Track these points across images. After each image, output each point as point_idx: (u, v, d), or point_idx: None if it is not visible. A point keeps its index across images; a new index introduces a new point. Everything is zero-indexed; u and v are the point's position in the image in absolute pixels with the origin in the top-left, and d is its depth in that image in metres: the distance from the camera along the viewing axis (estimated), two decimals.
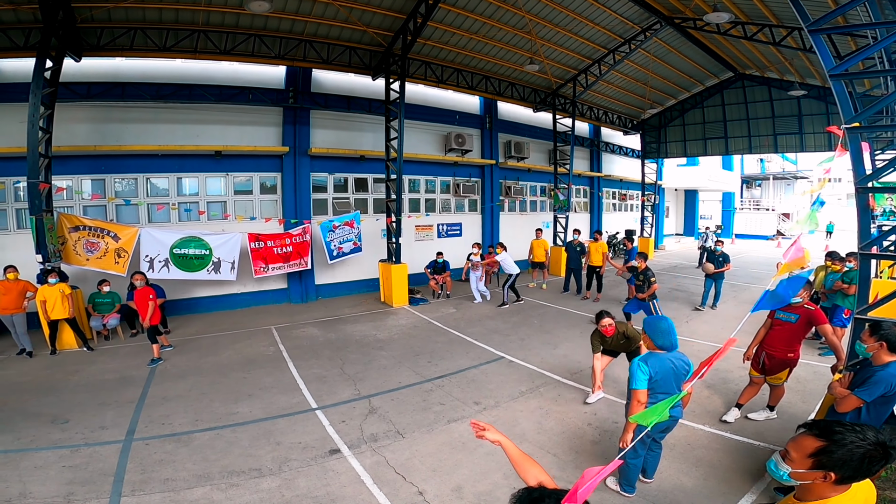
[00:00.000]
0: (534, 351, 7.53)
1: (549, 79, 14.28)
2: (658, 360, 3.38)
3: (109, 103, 9.62)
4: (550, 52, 13.03)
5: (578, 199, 19.16)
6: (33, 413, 5.49)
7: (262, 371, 6.87)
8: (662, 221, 24.43)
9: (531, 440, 4.71)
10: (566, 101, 15.28)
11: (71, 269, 8.56)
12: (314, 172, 11.78)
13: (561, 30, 12.05)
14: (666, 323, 3.46)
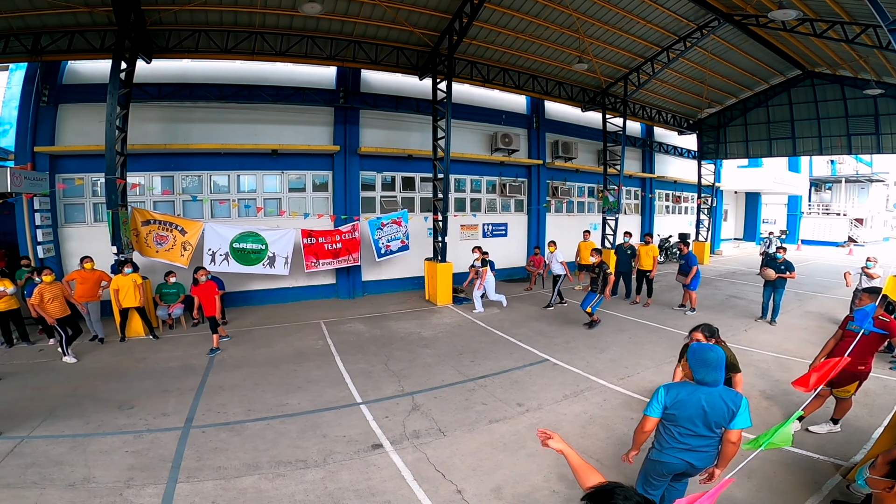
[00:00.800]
0: (579, 354, 7.38)
1: (598, 77, 13.91)
2: (685, 393, 2.78)
3: (177, 104, 10.29)
4: (599, 51, 12.71)
5: (629, 200, 18.55)
6: (102, 398, 5.83)
7: (311, 364, 7.09)
8: (720, 225, 23.26)
9: (574, 445, 4.53)
10: (617, 100, 14.84)
11: (141, 261, 9.16)
12: (363, 171, 12.08)
13: (611, 28, 11.71)
14: (715, 354, 2.80)
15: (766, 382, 6.15)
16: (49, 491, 3.83)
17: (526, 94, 13.76)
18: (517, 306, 10.80)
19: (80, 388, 6.15)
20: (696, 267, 9.62)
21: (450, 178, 11.24)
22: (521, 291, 12.56)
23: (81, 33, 8.97)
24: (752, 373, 6.40)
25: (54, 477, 4.06)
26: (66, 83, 9.83)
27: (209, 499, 3.76)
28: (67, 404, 5.60)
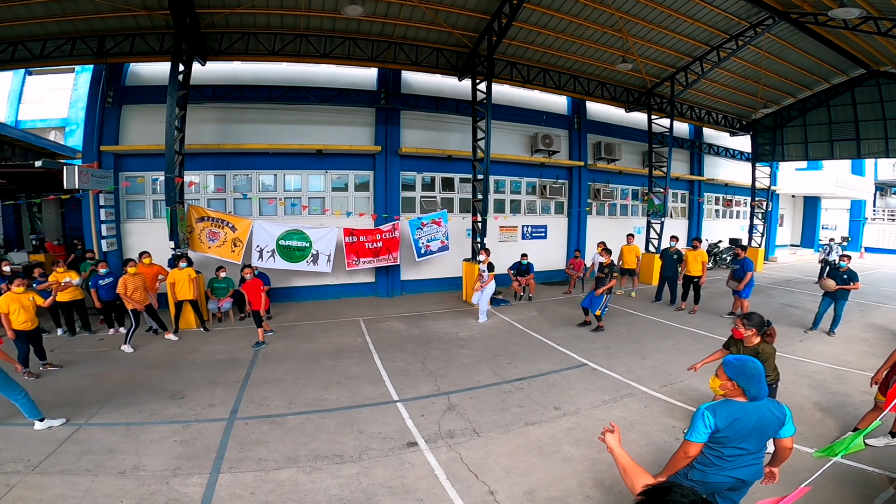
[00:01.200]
0: (620, 360, 7.19)
1: (643, 77, 13.49)
2: (737, 413, 2.61)
3: (230, 105, 10.80)
4: (644, 50, 12.33)
5: (675, 203, 17.88)
6: (156, 388, 6.12)
7: (350, 361, 7.24)
8: (775, 230, 22.03)
9: None
10: (663, 100, 14.35)
11: (194, 256, 9.66)
12: (403, 171, 12.24)
13: (655, 27, 11.33)
14: (756, 366, 2.66)
15: (821, 394, 5.84)
16: (101, 478, 4.02)
17: (567, 94, 13.55)
18: (556, 309, 10.65)
19: (136, 377, 6.49)
20: (750, 273, 9.16)
21: (490, 179, 11.21)
22: (560, 294, 12.37)
23: (142, 36, 9.55)
24: (807, 384, 6.13)
25: (107, 464, 4.26)
26: (128, 85, 10.52)
27: (249, 490, 3.89)
28: (123, 392, 5.92)
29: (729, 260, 17.56)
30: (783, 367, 6.78)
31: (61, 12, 8.83)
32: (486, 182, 10.93)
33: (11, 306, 6.23)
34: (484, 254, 9.86)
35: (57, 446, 4.54)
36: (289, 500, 3.76)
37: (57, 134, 15.79)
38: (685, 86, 13.67)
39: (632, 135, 15.75)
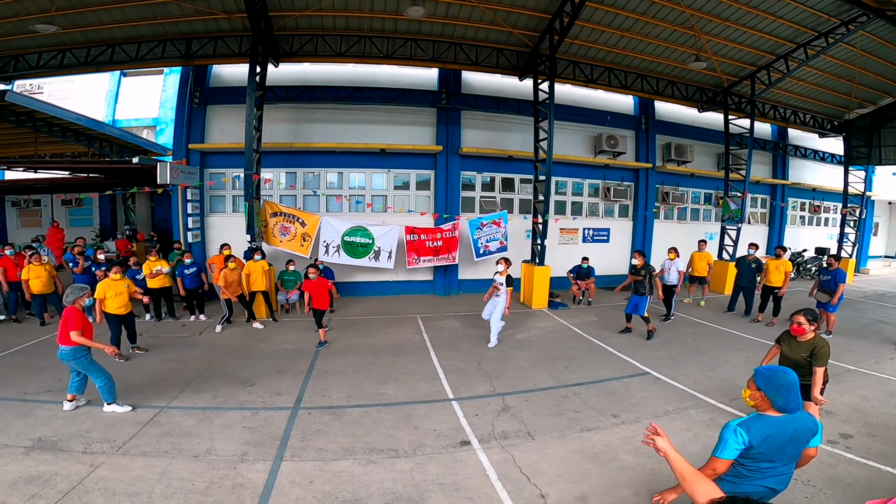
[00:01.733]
0: (686, 370, 6.85)
1: (718, 76, 12.67)
2: (772, 428, 2.53)
3: (301, 105, 11.37)
4: (719, 48, 11.57)
5: (754, 209, 16.68)
6: (230, 374, 6.48)
7: (407, 357, 7.37)
8: (868, 240, 19.99)
9: None
10: (742, 99, 13.40)
11: (266, 249, 10.22)
12: (464, 171, 12.32)
13: (732, 24, 10.58)
14: (787, 377, 2.55)
15: None
16: (176, 461, 4.26)
17: (634, 94, 13.03)
18: (616, 315, 10.26)
19: (213, 363, 6.94)
20: (843, 285, 8.41)
21: (551, 181, 11.03)
22: (622, 300, 11.90)
23: (223, 39, 10.26)
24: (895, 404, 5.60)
25: (183, 447, 4.51)
26: (212, 86, 11.36)
27: (308, 478, 4.03)
28: (202, 378, 6.30)
29: (814, 270, 16.17)
30: (870, 385, 6.31)
31: (152, 15, 9.61)
32: (548, 183, 10.76)
33: (108, 292, 6.91)
34: (503, 264, 8.13)
35: (140, 428, 4.86)
36: (344, 490, 3.88)
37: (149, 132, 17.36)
38: (768, 85, 12.69)
39: (705, 136, 14.87)
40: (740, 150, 13.52)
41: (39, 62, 10.43)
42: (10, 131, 12.48)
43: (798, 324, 4.22)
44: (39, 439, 4.54)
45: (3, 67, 10.55)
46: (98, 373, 5.17)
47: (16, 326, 8.71)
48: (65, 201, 17.69)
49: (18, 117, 11.42)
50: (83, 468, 4.05)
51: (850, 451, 4.46)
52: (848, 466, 4.21)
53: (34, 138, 12.94)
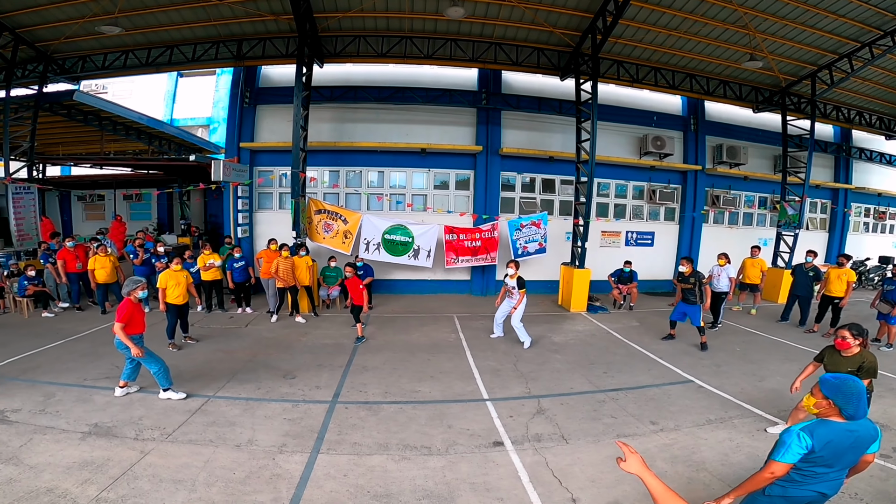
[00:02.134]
0: (732, 379, 6.56)
1: (775, 76, 11.97)
2: (835, 434, 2.51)
3: (344, 105, 11.68)
4: (776, 47, 10.93)
5: (814, 214, 15.72)
6: (273, 366, 6.69)
7: (443, 356, 7.42)
8: None
9: (711, 471, 4.18)
10: (801, 100, 12.63)
11: (310, 245, 10.53)
12: (504, 171, 12.28)
13: (790, 23, 9.98)
14: (857, 384, 2.53)
15: None
16: (220, 450, 4.41)
17: (682, 94, 12.55)
18: (659, 321, 9.93)
19: (257, 354, 7.20)
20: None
21: (594, 182, 10.81)
22: (665, 306, 11.53)
23: (271, 40, 10.65)
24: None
25: (227, 436, 4.66)
26: (261, 86, 11.84)
27: (342, 472, 4.11)
28: (247, 369, 6.54)
29: (877, 280, 15.07)
30: None
31: (206, 17, 10.10)
32: (591, 185, 10.55)
33: (169, 282, 7.33)
34: (512, 266, 7.82)
35: (189, 416, 5.07)
36: (377, 485, 3.93)
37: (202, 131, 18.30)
38: (830, 84, 11.88)
39: (760, 137, 14.14)
40: (799, 152, 12.75)
41: (105, 63, 11.14)
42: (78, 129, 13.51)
43: (843, 338, 4.17)
44: (96, 425, 4.77)
45: (71, 68, 11.33)
46: (151, 360, 5.39)
47: (79, 314, 9.32)
48: (126, 196, 18.89)
49: (86, 116, 12.35)
50: (134, 454, 4.24)
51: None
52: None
53: (100, 136, 13.96)
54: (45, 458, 4.07)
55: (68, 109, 11.81)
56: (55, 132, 13.81)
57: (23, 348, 7.02)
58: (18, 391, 5.49)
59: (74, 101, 10.61)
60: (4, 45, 10.01)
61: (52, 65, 11.15)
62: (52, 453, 4.18)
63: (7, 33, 9.93)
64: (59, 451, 4.21)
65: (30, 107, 11.07)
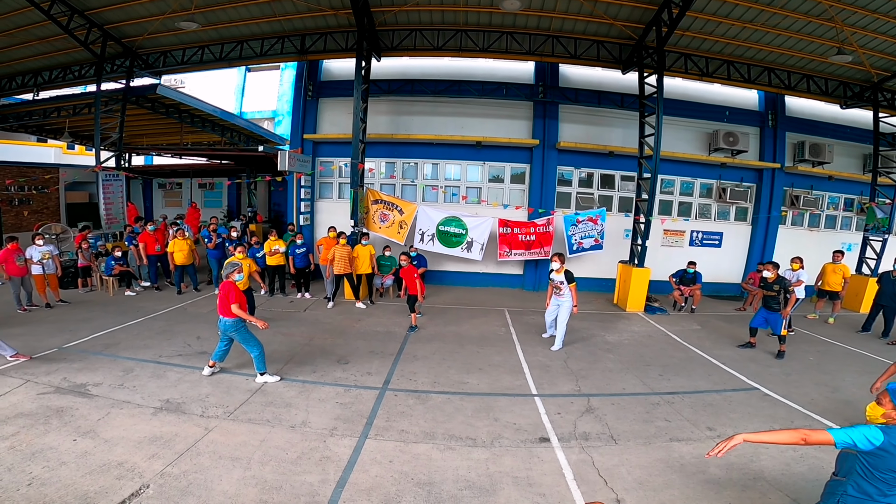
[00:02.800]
0: (801, 389, 6.12)
1: (866, 70, 10.78)
2: None
3: (401, 98, 11.85)
4: (867, 41, 9.79)
5: None
6: (328, 351, 6.90)
7: (492, 349, 7.40)
8: None
9: (769, 479, 3.94)
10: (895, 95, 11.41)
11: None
12: (560, 166, 12.04)
13: (881, 16, 8.91)
14: None
15: None
16: (276, 430, 4.55)
17: (759, 88, 11.57)
18: (723, 326, 9.42)
19: (314, 339, 7.46)
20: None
21: (657, 179, 10.33)
22: (731, 311, 10.87)
23: (331, 35, 10.92)
24: None
25: (282, 417, 4.82)
26: (323, 80, 12.27)
27: (388, 458, 4.18)
28: (304, 352, 6.77)
29: None
30: None
31: (271, 12, 10.51)
32: (654, 181, 10.06)
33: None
34: (557, 260, 7.48)
35: (249, 396, 5.27)
36: (420, 473, 3.97)
37: (268, 123, 19.21)
38: None
39: (848, 134, 12.91)
40: (892, 151, 11.53)
41: (184, 58, 11.93)
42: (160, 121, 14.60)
43: None
44: (167, 401, 5.02)
45: (154, 63, 12.24)
46: (254, 343, 5.61)
47: (157, 294, 10.07)
48: (201, 185, 20.25)
49: (167, 109, 13.31)
50: (198, 431, 4.43)
51: None
52: None
53: (179, 128, 15.01)
54: (120, 433, 4.30)
55: (152, 102, 12.79)
56: (140, 124, 15.00)
57: (107, 324, 7.60)
58: (101, 365, 5.86)
59: (157, 95, 11.46)
60: (94, 40, 10.92)
61: (137, 60, 12.07)
62: (126, 427, 4.41)
63: (96, 29, 10.83)
64: (132, 426, 4.45)
65: (118, 100, 12.05)
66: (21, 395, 4.93)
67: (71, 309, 8.59)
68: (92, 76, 11.98)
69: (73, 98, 13.36)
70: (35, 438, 4.08)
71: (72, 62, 12.58)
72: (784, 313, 7.27)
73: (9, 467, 3.64)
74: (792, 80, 11.47)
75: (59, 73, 13.03)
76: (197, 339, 7.16)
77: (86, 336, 7.01)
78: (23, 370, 5.57)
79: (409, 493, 3.67)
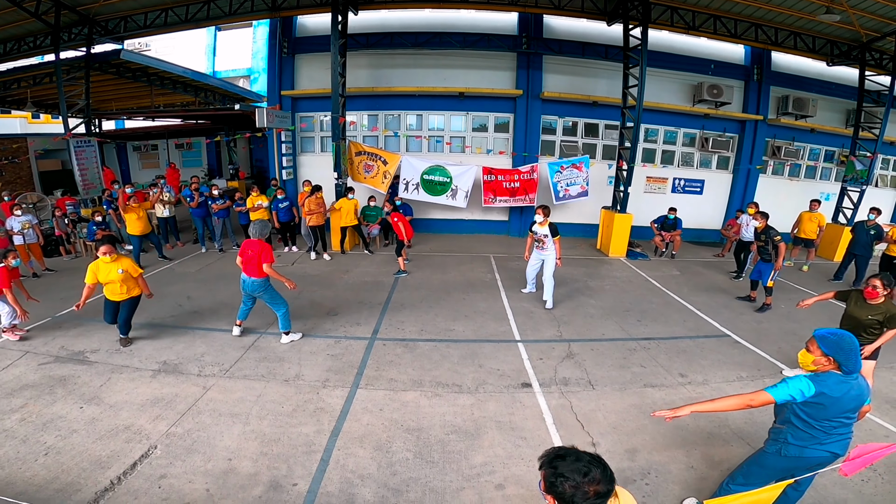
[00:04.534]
0: (771, 337, 6.30)
1: (855, 30, 10.54)
2: (838, 383, 2.48)
3: (381, 51, 11.49)
4: (856, 1, 9.46)
5: (885, 171, 14.39)
6: (317, 303, 6.93)
7: (478, 296, 7.51)
8: None
9: (734, 428, 4.15)
10: (883, 56, 11.20)
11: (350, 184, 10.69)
12: (544, 115, 11.96)
13: None
14: (854, 340, 2.53)
15: None
16: (270, 385, 4.65)
17: (745, 43, 11.29)
18: (701, 272, 9.67)
19: (303, 291, 7.32)
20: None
21: (640, 128, 10.29)
22: (710, 257, 11.18)
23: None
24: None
25: (276, 372, 4.91)
26: (298, 36, 11.83)
27: (378, 406, 4.33)
28: (294, 306, 6.55)
29: None
30: None
31: None
32: (636, 131, 10.05)
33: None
34: (541, 213, 6.95)
35: (244, 352, 5.33)
36: (409, 419, 4.11)
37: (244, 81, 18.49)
38: None
39: (833, 90, 12.87)
40: (876, 108, 11.51)
41: (146, 22, 11.24)
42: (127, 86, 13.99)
43: (873, 287, 4.25)
44: (164, 363, 5.06)
45: (114, 28, 11.55)
46: (281, 301, 5.61)
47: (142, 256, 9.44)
48: (178, 145, 19.69)
49: (134, 73, 12.74)
50: (197, 390, 4.52)
51: None
52: None
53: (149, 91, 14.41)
54: (123, 397, 4.36)
55: (117, 68, 12.23)
56: (107, 89, 14.33)
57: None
58: (96, 331, 5.82)
59: (122, 60, 10.94)
60: (47, 10, 10.22)
61: (96, 27, 11.37)
62: (128, 391, 4.47)
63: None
64: (133, 389, 4.51)
65: (81, 67, 11.49)
66: (23, 366, 4.94)
67: (58, 277, 8.43)
68: (49, 46, 11.26)
69: (31, 69, 12.78)
70: (44, 409, 4.13)
71: (25, 34, 11.77)
72: (777, 265, 7.11)
73: (24, 439, 3.69)
74: (779, 36, 11.20)
75: (13, 45, 12.19)
76: (188, 298, 7.15)
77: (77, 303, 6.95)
78: (21, 343, 5.52)
79: (399, 439, 3.83)
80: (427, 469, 3.52)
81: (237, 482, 3.32)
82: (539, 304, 7.18)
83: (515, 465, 3.59)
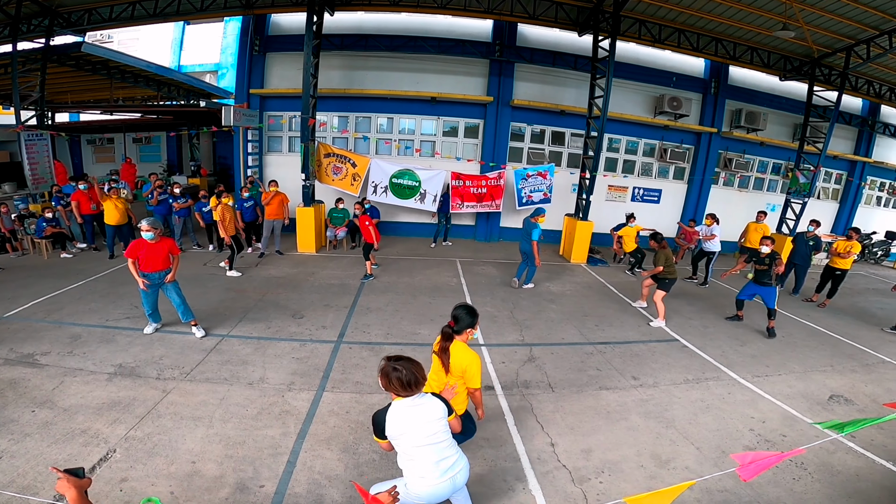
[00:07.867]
0: (716, 342, 6.71)
1: (808, 46, 11.28)
2: None
3: (355, 53, 11.45)
4: (813, 18, 10.15)
5: (827, 184, 15.45)
6: (282, 306, 6.87)
7: (444, 300, 7.56)
8: None
9: (678, 428, 4.42)
10: (832, 71, 12.06)
11: (318, 186, 10.73)
12: (514, 122, 12.21)
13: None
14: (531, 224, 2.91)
15: None
16: (234, 388, 4.61)
17: (706, 56, 11.95)
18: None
19: (267, 294, 7.37)
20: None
21: (604, 138, 10.71)
22: None
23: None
24: None
25: (240, 375, 4.86)
26: (271, 34, 11.64)
27: (345, 409, 4.35)
28: (258, 308, 6.71)
29: (879, 255, 15.13)
30: None
31: None
32: (600, 140, 10.47)
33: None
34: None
35: (205, 355, 5.25)
36: None
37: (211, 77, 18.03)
38: (865, 59, 11.14)
39: (783, 105, 13.69)
40: (821, 122, 12.36)
41: (112, 15, 10.86)
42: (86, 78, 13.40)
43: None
44: (120, 365, 4.91)
45: (77, 21, 11.09)
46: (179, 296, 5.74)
47: (95, 254, 9.38)
48: (135, 139, 18.91)
49: (94, 66, 12.25)
50: (156, 394, 4.42)
51: (854, 440, 4.34)
52: (845, 455, 4.15)
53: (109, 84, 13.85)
54: (77, 401, 4.23)
55: (76, 60, 11.73)
56: (64, 81, 13.68)
57: (46, 290, 7.09)
58: (46, 333, 5.59)
59: (82, 53, 10.52)
60: (7, 1, 9.79)
61: (57, 19, 10.91)
62: (83, 395, 4.33)
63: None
64: (88, 393, 4.37)
65: (37, 59, 11.00)
66: None
67: (5, 275, 7.92)
68: (7, 36, 10.69)
69: None
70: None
71: None
72: (777, 270, 7.33)
73: None
74: (737, 51, 11.89)
75: None
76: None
77: (25, 303, 6.54)
78: None
79: (366, 441, 3.87)
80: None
81: (202, 484, 3.32)
82: (504, 309, 7.39)
83: (478, 465, 3.73)
